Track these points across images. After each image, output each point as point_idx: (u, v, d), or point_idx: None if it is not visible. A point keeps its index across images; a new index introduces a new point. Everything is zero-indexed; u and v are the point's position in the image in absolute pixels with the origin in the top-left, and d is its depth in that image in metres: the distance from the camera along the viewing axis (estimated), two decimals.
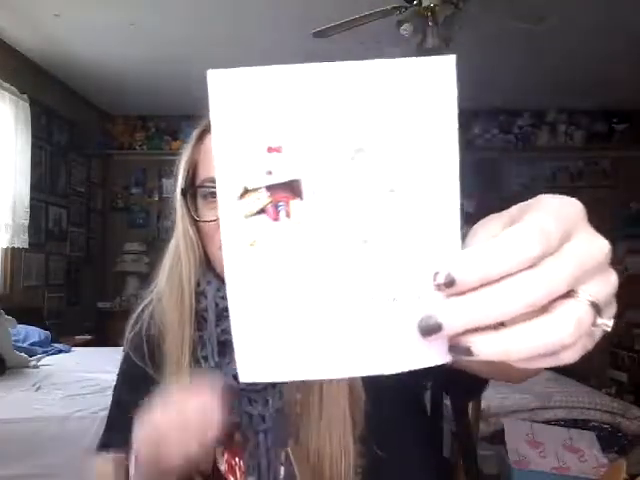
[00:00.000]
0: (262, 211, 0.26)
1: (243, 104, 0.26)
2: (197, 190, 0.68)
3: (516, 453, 1.74)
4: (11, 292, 3.22)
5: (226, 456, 0.61)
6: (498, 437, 1.81)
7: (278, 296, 0.27)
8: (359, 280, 0.27)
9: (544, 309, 0.24)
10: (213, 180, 0.61)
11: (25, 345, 2.68)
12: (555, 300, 0.24)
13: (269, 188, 0.26)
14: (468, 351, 0.25)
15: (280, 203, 0.26)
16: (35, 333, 2.86)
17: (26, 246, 3.20)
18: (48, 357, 2.69)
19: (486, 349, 0.25)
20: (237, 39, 3.01)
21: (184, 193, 0.67)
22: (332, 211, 0.26)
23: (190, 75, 3.87)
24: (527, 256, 0.23)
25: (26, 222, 3.19)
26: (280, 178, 0.26)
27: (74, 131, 3.95)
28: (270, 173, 0.26)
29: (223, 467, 0.61)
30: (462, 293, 0.24)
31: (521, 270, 0.24)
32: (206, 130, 0.69)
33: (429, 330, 0.25)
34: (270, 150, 0.26)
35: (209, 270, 0.68)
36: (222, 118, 0.26)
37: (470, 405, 0.99)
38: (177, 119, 4.40)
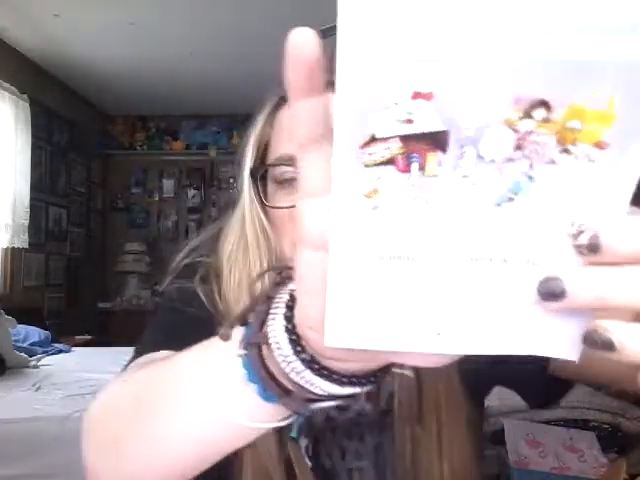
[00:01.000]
0: (389, 162, 0.22)
1: (388, 28, 0.20)
2: (268, 171, 0.59)
3: (516, 453, 1.74)
4: (11, 292, 3.22)
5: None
6: (498, 437, 1.81)
7: (389, 257, 0.23)
8: (489, 247, 0.23)
9: None
10: (286, 158, 0.56)
11: (25, 345, 2.68)
12: None
13: (404, 138, 0.21)
14: (609, 344, 0.20)
15: (414, 155, 0.22)
16: (35, 333, 2.86)
17: (26, 246, 3.20)
18: (48, 357, 2.69)
19: (636, 345, 0.20)
20: (237, 39, 3.01)
21: (254, 174, 0.59)
22: (475, 170, 0.22)
23: (190, 75, 3.88)
24: None
25: (26, 222, 3.19)
26: (422, 128, 0.21)
27: (74, 131, 3.95)
28: (410, 122, 0.21)
29: None
30: (601, 265, 0.20)
31: None
32: (282, 100, 0.61)
33: (549, 294, 0.21)
34: (417, 96, 0.21)
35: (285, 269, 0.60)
36: (355, 42, 0.20)
37: None
38: (177, 119, 4.41)
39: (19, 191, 3.14)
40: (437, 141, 0.21)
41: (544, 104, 0.20)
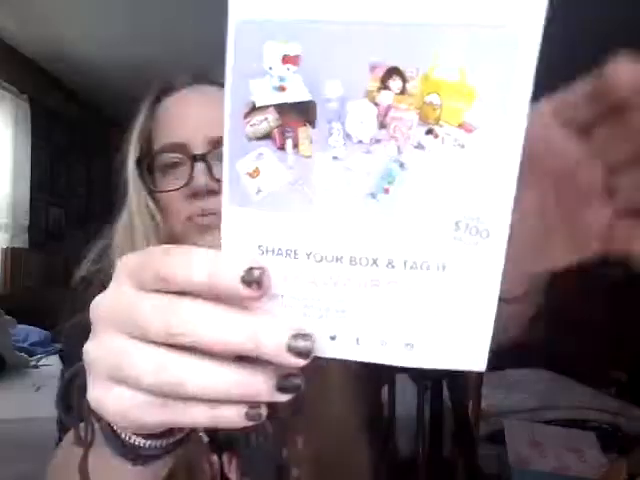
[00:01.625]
0: (268, 136, 0.22)
1: None
2: (154, 159, 0.63)
3: (516, 453, 1.74)
4: (11, 292, 3.21)
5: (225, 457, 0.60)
6: (498, 437, 1.81)
7: (271, 250, 0.23)
8: (371, 248, 0.23)
9: None
10: (170, 146, 0.61)
11: (25, 345, 2.68)
12: None
13: (279, 108, 0.22)
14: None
15: (288, 128, 0.22)
16: (35, 333, 2.86)
17: (26, 246, 3.20)
18: (48, 357, 2.69)
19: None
20: None
21: (139, 162, 0.63)
22: (345, 152, 0.22)
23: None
24: None
25: (26, 222, 3.19)
26: (292, 97, 0.22)
27: (74, 131, 3.95)
28: (283, 89, 0.22)
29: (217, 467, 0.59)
30: None
31: None
32: (159, 96, 0.65)
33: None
34: (286, 60, 0.21)
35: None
36: (240, 14, 0.21)
37: (470, 405, 0.99)
38: None
39: (19, 191, 3.14)
40: (306, 113, 0.22)
41: (399, 73, 0.20)
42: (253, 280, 0.22)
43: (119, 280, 0.26)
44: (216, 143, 0.61)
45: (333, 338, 0.24)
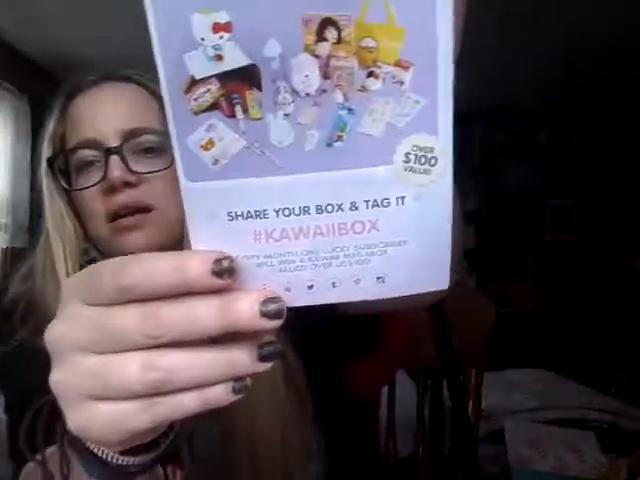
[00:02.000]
0: (214, 106, 0.23)
1: None
2: (68, 159, 0.61)
3: (516, 453, 1.74)
4: None
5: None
6: (498, 437, 1.81)
7: (241, 215, 0.24)
8: (336, 194, 0.24)
9: None
10: (82, 143, 0.59)
11: None
12: None
13: (220, 78, 0.22)
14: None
15: (234, 95, 0.22)
16: None
17: (26, 246, 3.19)
18: None
19: None
20: None
21: (51, 162, 0.61)
22: (294, 107, 0.23)
23: None
24: None
25: (26, 222, 3.19)
26: (232, 64, 0.22)
27: None
28: (220, 58, 0.22)
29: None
30: None
31: None
32: (69, 97, 0.64)
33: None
34: (217, 29, 0.21)
35: (93, 249, 0.62)
36: None
37: (470, 405, 0.99)
38: None
39: (19, 191, 3.14)
40: (250, 78, 0.22)
41: (332, 23, 0.21)
42: (224, 270, 0.23)
43: (70, 303, 0.26)
44: (129, 135, 0.60)
45: (310, 287, 0.26)
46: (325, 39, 0.22)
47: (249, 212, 0.24)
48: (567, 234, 4.18)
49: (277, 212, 0.24)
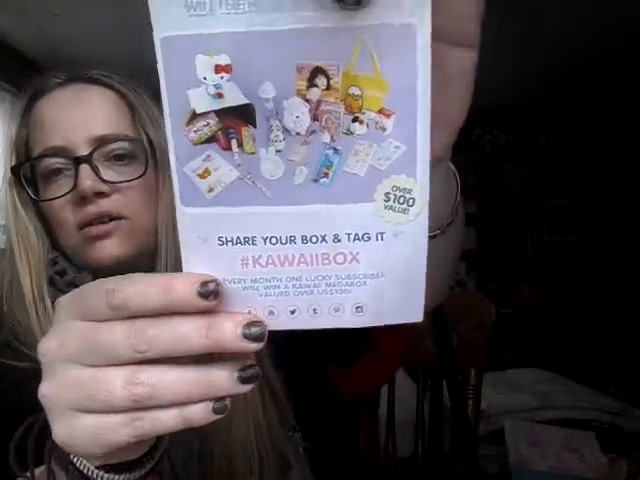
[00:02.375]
0: (212, 139, 0.25)
1: (187, 14, 0.23)
2: (34, 167, 0.58)
3: (516, 453, 1.74)
4: None
5: None
6: (498, 437, 1.81)
7: (231, 240, 0.26)
8: (319, 226, 0.26)
9: None
10: (49, 150, 0.57)
11: None
12: None
13: (218, 113, 0.24)
14: None
15: (231, 130, 0.25)
16: None
17: None
18: None
19: None
20: None
21: (16, 171, 0.58)
22: (285, 144, 0.25)
23: None
24: None
25: None
26: (230, 102, 0.24)
27: None
28: (220, 96, 0.24)
29: None
30: None
31: None
32: (32, 99, 0.61)
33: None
34: (218, 70, 0.23)
35: (62, 259, 0.59)
36: (165, 29, 0.23)
37: (470, 405, 0.99)
38: None
39: None
40: (246, 115, 0.24)
41: (322, 72, 0.24)
42: (209, 293, 0.25)
43: (64, 318, 0.28)
44: (98, 142, 0.58)
45: (293, 312, 0.27)
46: (316, 85, 0.24)
47: (238, 238, 0.26)
48: (567, 234, 4.18)
49: (265, 240, 0.26)
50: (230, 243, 0.26)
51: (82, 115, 0.59)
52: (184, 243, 0.26)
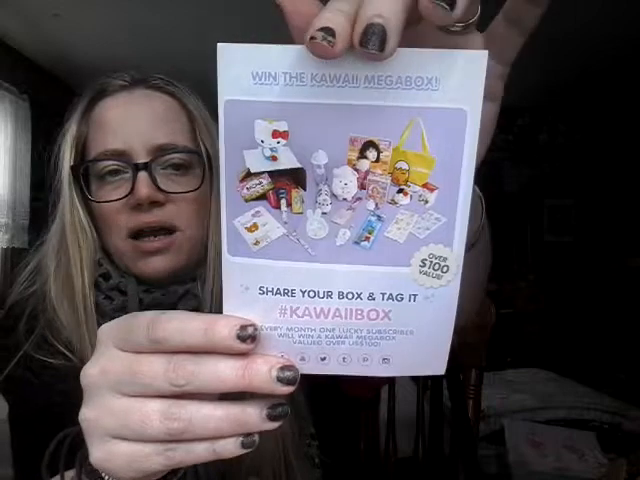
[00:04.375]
0: (263, 197, 0.26)
1: (252, 82, 0.24)
2: (90, 167, 0.59)
3: (516, 453, 1.74)
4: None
5: None
6: (498, 437, 1.81)
7: (270, 291, 0.27)
8: (356, 284, 0.28)
9: None
10: (110, 153, 0.57)
11: None
12: None
13: (272, 174, 0.26)
14: None
15: (281, 190, 0.26)
16: None
17: (26, 246, 3.19)
18: None
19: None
20: (236, 39, 3.00)
21: (75, 171, 0.59)
22: (332, 208, 0.26)
23: (191, 75, 3.88)
24: None
25: (26, 222, 3.19)
26: (284, 165, 0.26)
27: None
28: (275, 159, 0.25)
29: None
30: (346, 41, 0.23)
31: None
32: (95, 98, 0.61)
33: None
34: (275, 135, 0.25)
35: (106, 261, 0.60)
36: (230, 93, 0.24)
37: (470, 405, 0.99)
38: None
39: (19, 191, 3.14)
40: (297, 178, 0.26)
41: (374, 145, 0.25)
42: (247, 336, 0.26)
43: (106, 346, 0.29)
44: (158, 150, 0.58)
45: (323, 359, 0.29)
46: (366, 157, 0.25)
47: (279, 289, 0.27)
48: (566, 234, 4.18)
49: (303, 293, 0.28)
50: (270, 293, 0.28)
51: (145, 122, 0.59)
52: (227, 289, 0.28)
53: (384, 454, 1.02)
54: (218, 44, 0.24)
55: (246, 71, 0.24)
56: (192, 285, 0.60)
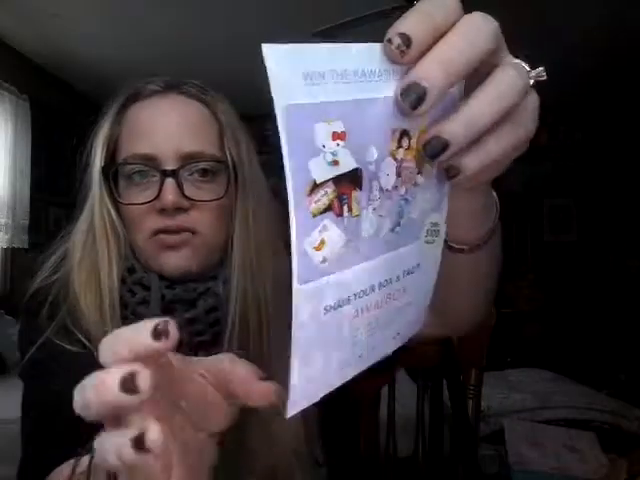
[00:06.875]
0: (329, 207, 0.24)
1: (304, 83, 0.22)
2: (119, 169, 0.60)
3: (516, 453, 1.74)
4: (11, 292, 3.21)
5: None
6: (498, 437, 1.81)
7: (332, 307, 0.25)
8: (392, 271, 0.28)
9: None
10: (139, 157, 0.59)
11: None
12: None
13: (335, 180, 0.24)
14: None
15: (344, 196, 0.24)
16: None
17: (26, 246, 3.19)
18: None
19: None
20: (236, 39, 3.01)
21: (106, 172, 0.60)
22: (379, 202, 0.26)
23: (190, 75, 3.88)
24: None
25: (26, 222, 3.19)
26: (344, 168, 0.24)
27: (74, 131, 3.95)
28: (336, 164, 0.24)
29: None
30: (419, 55, 0.24)
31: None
32: (129, 100, 0.62)
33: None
34: (335, 137, 0.23)
35: (136, 261, 0.61)
36: (288, 97, 0.22)
37: (470, 405, 0.99)
38: None
39: (19, 191, 3.14)
40: (355, 179, 0.25)
41: (407, 134, 0.26)
42: (161, 332, 0.24)
43: None
44: (187, 158, 0.59)
45: (360, 356, 0.29)
46: (402, 146, 0.26)
47: (338, 302, 0.26)
48: (566, 234, 4.18)
49: (355, 296, 0.27)
50: (332, 309, 0.26)
51: (176, 128, 0.60)
52: (295, 318, 0.24)
53: (384, 454, 1.02)
54: (263, 45, 0.21)
55: (297, 72, 0.22)
56: (213, 283, 0.61)
